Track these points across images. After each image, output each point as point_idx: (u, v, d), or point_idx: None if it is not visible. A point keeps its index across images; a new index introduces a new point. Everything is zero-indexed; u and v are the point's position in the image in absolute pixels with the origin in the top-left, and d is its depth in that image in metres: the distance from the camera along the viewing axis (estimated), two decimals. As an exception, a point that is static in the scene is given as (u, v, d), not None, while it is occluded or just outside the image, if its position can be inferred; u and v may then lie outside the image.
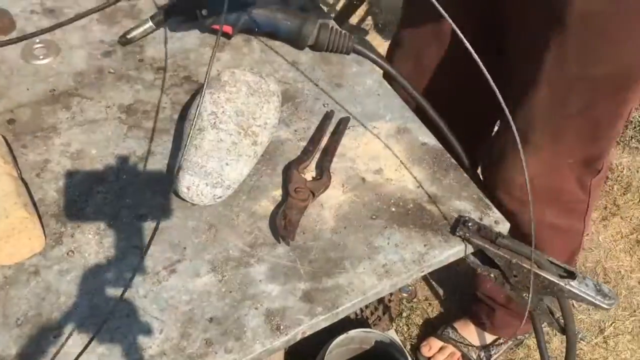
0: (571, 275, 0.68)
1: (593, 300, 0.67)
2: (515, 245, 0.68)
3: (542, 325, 0.87)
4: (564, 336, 0.78)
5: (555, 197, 1.07)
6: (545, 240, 1.12)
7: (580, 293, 0.67)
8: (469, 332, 1.51)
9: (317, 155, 0.80)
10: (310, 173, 0.78)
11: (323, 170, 0.77)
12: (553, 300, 0.73)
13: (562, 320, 0.76)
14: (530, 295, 0.69)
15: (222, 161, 0.71)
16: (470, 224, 0.71)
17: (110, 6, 0.98)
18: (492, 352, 1.51)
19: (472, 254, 0.73)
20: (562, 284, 0.67)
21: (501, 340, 1.52)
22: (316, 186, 0.75)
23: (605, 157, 1.05)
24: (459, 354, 1.50)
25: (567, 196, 1.08)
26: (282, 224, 0.70)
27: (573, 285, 0.67)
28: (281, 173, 0.78)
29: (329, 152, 0.80)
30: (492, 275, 0.73)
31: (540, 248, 1.17)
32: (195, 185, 0.70)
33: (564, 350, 0.82)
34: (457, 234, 0.71)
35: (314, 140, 0.81)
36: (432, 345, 1.51)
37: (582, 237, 1.21)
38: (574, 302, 0.74)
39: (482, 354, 1.50)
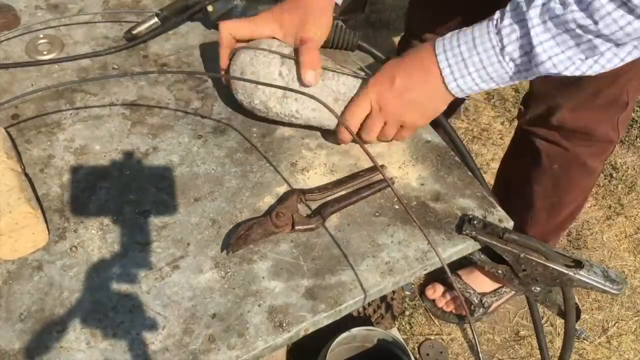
0: (579, 264, 0.69)
1: (602, 287, 0.68)
2: (523, 239, 0.69)
3: (543, 323, 0.88)
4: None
5: (589, 136, 1.16)
6: (573, 179, 1.25)
7: (589, 281, 0.68)
8: (472, 279, 1.56)
9: (332, 196, 0.75)
10: (312, 205, 0.75)
11: (321, 214, 0.72)
12: (558, 290, 0.74)
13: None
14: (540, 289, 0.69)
15: None
16: (475, 222, 0.71)
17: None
18: (495, 299, 1.56)
19: (479, 251, 0.73)
20: (571, 273, 0.68)
21: (504, 289, 1.57)
22: (302, 221, 0.71)
23: (628, 91, 1.12)
24: (461, 297, 1.52)
25: (600, 136, 1.16)
26: (239, 235, 0.68)
27: (582, 274, 0.68)
28: (284, 170, 0.78)
29: (342, 202, 0.74)
30: (500, 271, 0.73)
31: (568, 188, 1.27)
32: None
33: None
34: (464, 232, 0.71)
35: (340, 183, 0.76)
36: (436, 289, 1.58)
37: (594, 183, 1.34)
38: (577, 301, 0.74)
39: (484, 299, 1.56)
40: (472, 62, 0.70)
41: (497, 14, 0.69)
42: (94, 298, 0.65)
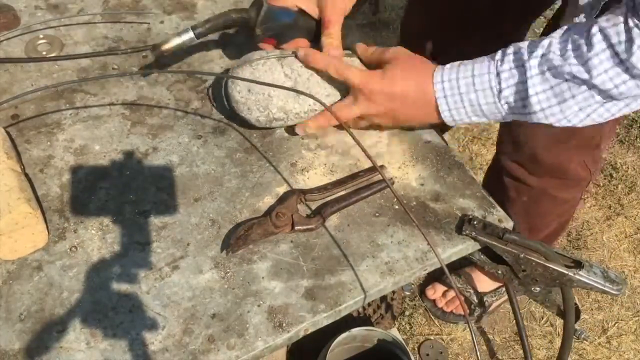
0: (578, 264, 0.69)
1: (602, 288, 0.68)
2: (523, 239, 0.69)
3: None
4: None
5: (561, 174, 1.15)
6: (545, 208, 1.26)
7: (589, 282, 0.68)
8: (472, 279, 1.56)
9: (332, 196, 0.75)
10: (312, 205, 0.75)
11: (321, 214, 0.72)
12: (557, 290, 0.74)
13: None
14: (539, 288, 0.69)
15: None
16: (475, 222, 0.71)
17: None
18: (494, 298, 1.56)
19: (478, 251, 0.73)
20: (570, 274, 0.68)
21: (504, 289, 1.55)
22: (301, 221, 0.71)
23: (603, 134, 1.12)
24: (461, 298, 1.52)
25: (571, 174, 1.16)
26: (238, 235, 0.68)
27: (582, 275, 0.68)
28: (284, 170, 0.78)
29: (341, 202, 0.74)
30: (499, 271, 0.73)
31: (540, 216, 1.27)
32: None
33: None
34: (464, 232, 0.71)
35: (340, 183, 0.76)
36: (436, 289, 1.59)
37: (577, 206, 1.32)
38: (577, 301, 0.74)
39: (484, 298, 1.56)
40: (469, 99, 0.71)
41: (499, 55, 0.70)
42: (94, 298, 0.65)
